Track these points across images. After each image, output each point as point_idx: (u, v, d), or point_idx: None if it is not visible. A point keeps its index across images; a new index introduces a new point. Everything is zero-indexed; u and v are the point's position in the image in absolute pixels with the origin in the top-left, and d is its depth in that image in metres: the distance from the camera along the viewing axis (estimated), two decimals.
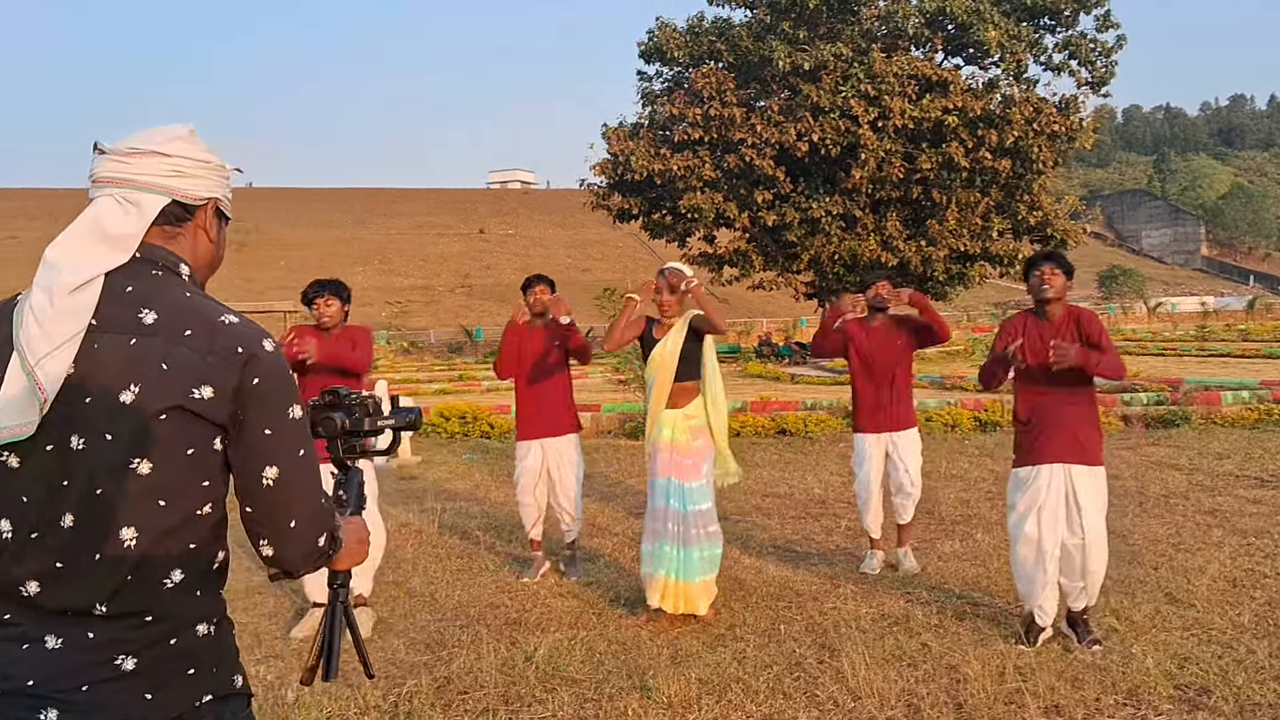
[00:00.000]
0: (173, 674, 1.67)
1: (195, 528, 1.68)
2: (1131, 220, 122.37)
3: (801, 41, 30.60)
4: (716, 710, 4.07)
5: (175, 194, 1.76)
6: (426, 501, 8.99)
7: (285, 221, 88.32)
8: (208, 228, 1.84)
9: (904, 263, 32.53)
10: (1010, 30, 30.97)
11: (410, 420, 2.18)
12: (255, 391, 1.67)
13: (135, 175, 1.73)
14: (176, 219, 1.79)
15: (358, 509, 2.02)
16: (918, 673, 4.41)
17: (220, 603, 1.78)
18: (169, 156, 1.75)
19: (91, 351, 1.62)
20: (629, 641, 5.00)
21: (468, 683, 4.47)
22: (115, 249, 1.69)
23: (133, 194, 1.73)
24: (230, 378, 1.65)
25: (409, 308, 67.39)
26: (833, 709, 4.06)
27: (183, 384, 1.63)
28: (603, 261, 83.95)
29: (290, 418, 1.72)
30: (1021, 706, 4.00)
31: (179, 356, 1.64)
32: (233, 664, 1.79)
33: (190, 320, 1.67)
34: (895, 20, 30.92)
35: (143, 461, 1.62)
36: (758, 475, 9.75)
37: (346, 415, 2.04)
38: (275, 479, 1.70)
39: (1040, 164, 31.36)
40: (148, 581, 1.65)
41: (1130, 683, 4.21)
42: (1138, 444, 11.00)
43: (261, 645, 5.15)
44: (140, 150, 1.74)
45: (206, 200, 1.82)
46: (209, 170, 1.82)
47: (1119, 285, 73.91)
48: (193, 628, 1.71)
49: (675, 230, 34.35)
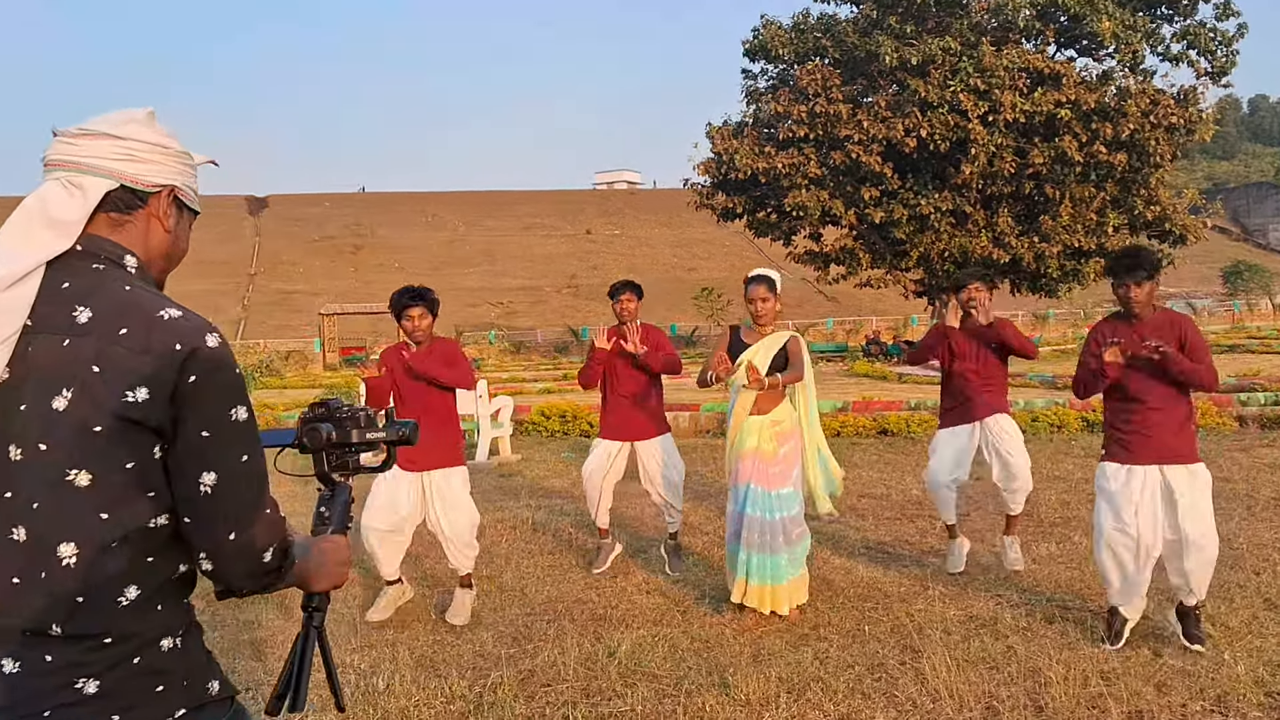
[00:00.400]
0: (140, 693, 1.58)
1: (149, 540, 1.58)
2: (1258, 214, 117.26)
3: (909, 36, 30.17)
4: (794, 709, 4.10)
5: (124, 178, 1.65)
6: (523, 498, 9.17)
7: (398, 225, 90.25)
8: (162, 216, 1.71)
9: (1016, 259, 31.85)
10: (1126, 20, 30.05)
11: (404, 434, 2.05)
12: (193, 390, 1.53)
13: (82, 158, 1.63)
14: (125, 206, 1.67)
15: (341, 528, 1.93)
16: (1000, 675, 4.37)
17: (186, 613, 1.68)
18: (121, 139, 1.64)
19: (25, 355, 1.52)
20: (711, 639, 5.05)
21: (550, 675, 4.58)
22: (58, 235, 1.58)
23: (77, 176, 1.62)
24: (167, 378, 1.52)
25: (515, 308, 68.37)
26: (910, 710, 4.05)
27: (116, 387, 1.50)
28: (709, 260, 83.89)
29: (232, 419, 1.58)
30: (1104, 711, 3.95)
31: (113, 357, 1.51)
32: (205, 673, 1.69)
33: (127, 317, 1.54)
34: (1005, 13, 30.26)
35: (81, 473, 1.51)
36: (855, 475, 9.68)
37: (335, 427, 1.93)
38: (214, 486, 1.56)
39: (1157, 157, 30.36)
40: (100, 600, 1.54)
41: (1219, 689, 4.11)
42: (1251, 445, 10.64)
43: (357, 635, 5.33)
44: (91, 132, 1.64)
45: (161, 187, 1.70)
46: (166, 156, 1.70)
47: (1244, 281, 70.98)
48: (156, 644, 1.60)
49: (780, 229, 34.17)
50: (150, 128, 1.68)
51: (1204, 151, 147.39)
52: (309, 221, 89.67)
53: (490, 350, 48.95)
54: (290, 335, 55.97)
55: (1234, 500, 7.90)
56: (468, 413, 11.29)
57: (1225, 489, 8.38)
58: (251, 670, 4.80)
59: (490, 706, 4.25)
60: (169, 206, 1.72)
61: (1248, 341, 31.40)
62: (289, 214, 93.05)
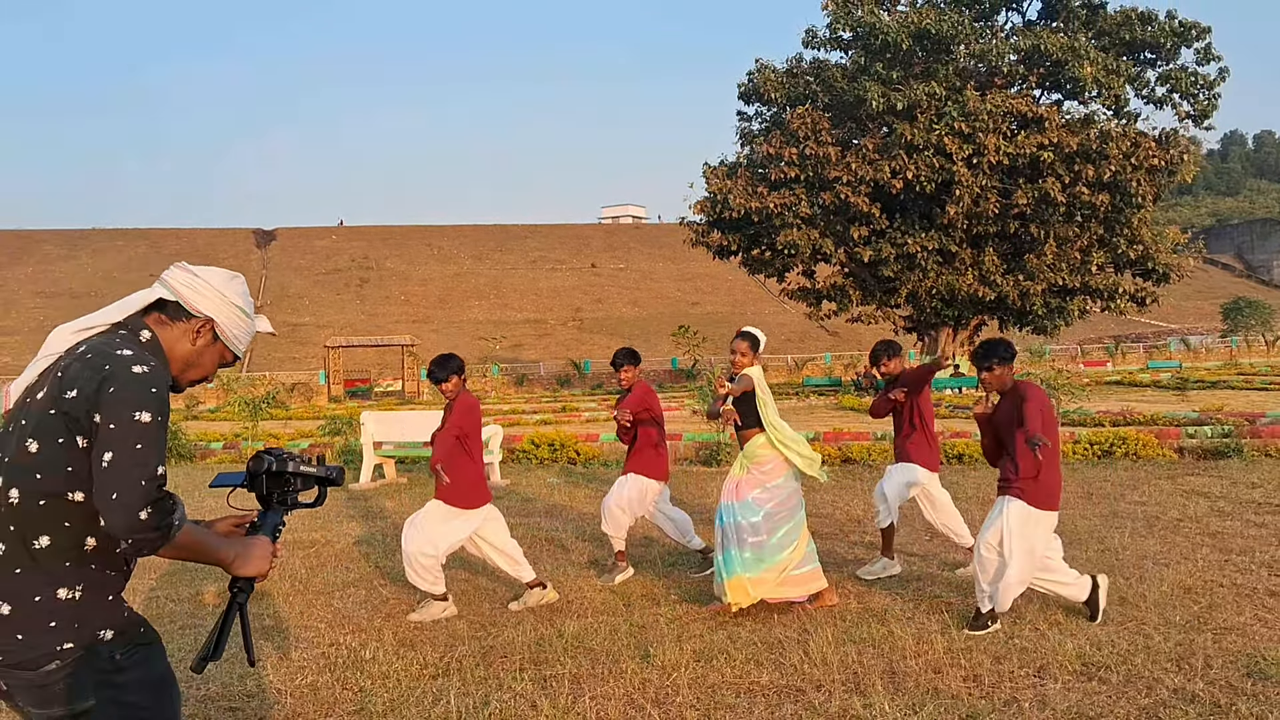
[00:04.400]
0: (35, 623, 2.22)
1: (67, 508, 2.24)
2: (1262, 250, 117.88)
3: (895, 82, 31.30)
4: (698, 671, 5.08)
5: (180, 297, 2.45)
6: (507, 516, 10.09)
7: (405, 259, 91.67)
8: (194, 335, 2.47)
9: (1002, 297, 32.85)
10: (1108, 65, 31.08)
11: (332, 476, 2.65)
12: (107, 396, 2.19)
13: (168, 278, 2.48)
14: (173, 315, 2.46)
15: (270, 537, 2.53)
16: (873, 651, 5.34)
17: (90, 576, 2.29)
18: (195, 277, 2.47)
19: (48, 371, 2.33)
20: (647, 625, 6.03)
21: (507, 650, 5.56)
22: (119, 312, 2.42)
23: (160, 288, 2.46)
24: (90, 384, 2.21)
25: (520, 341, 69.41)
26: (791, 672, 5.03)
27: (62, 388, 2.24)
28: (713, 295, 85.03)
29: (133, 419, 2.19)
30: (945, 676, 4.91)
31: (69, 370, 2.26)
32: (98, 621, 2.29)
33: (98, 351, 2.28)
34: (990, 59, 31.39)
35: (32, 442, 2.24)
36: (810, 498, 10.64)
37: (275, 459, 2.56)
38: (109, 462, 2.16)
39: (1139, 198, 31.35)
40: (22, 538, 2.23)
41: (1043, 660, 5.07)
42: (1179, 475, 11.55)
43: (350, 622, 6.31)
44: (186, 268, 2.49)
45: (202, 316, 2.46)
46: (221, 302, 2.48)
47: (1244, 317, 71.50)
48: (54, 590, 2.24)
49: (773, 266, 35.27)
50: (224, 281, 2.51)
51: (1208, 187, 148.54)
52: (316, 254, 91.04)
53: (493, 383, 50.00)
54: (296, 368, 56.90)
55: (1136, 520, 8.81)
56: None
57: (1136, 510, 9.31)
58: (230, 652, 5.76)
59: (456, 672, 5.23)
60: (205, 332, 2.49)
61: (1234, 378, 32.15)
62: (296, 246, 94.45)
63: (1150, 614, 5.87)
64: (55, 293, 78.69)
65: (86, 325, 2.39)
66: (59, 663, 2.23)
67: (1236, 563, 7.15)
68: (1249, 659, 5.00)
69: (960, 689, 4.76)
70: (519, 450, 15.19)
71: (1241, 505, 9.46)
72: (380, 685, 5.05)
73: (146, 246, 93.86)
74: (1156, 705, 4.48)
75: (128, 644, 2.33)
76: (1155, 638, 5.40)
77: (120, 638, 2.32)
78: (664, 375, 50.06)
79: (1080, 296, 34.54)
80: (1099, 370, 44.80)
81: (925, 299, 33.13)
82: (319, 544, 8.86)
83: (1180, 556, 7.39)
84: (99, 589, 2.30)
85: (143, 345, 2.37)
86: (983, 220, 31.53)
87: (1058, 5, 33.80)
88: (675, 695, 4.80)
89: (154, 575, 7.67)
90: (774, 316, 78.41)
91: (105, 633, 2.29)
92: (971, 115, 29.93)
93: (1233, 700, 4.47)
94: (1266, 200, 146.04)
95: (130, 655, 2.33)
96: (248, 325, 2.54)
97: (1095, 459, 12.98)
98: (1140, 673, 4.87)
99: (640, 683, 4.97)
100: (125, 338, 2.36)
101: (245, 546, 2.48)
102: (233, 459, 16.83)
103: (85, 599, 2.27)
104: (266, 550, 2.50)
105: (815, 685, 4.88)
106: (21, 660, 2.21)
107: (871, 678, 4.91)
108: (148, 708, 2.36)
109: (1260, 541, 7.86)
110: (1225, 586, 6.48)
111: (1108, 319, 64.14)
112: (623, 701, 4.74)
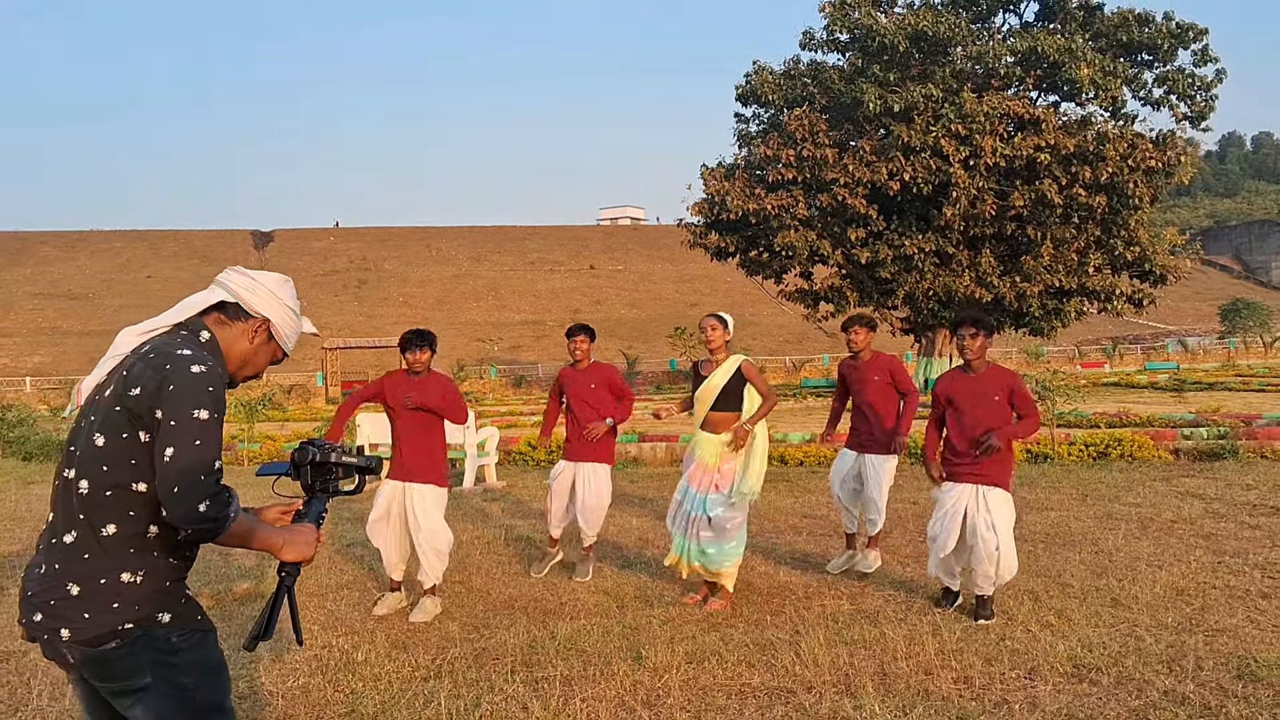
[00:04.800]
0: (100, 603, 2.39)
1: (131, 498, 2.42)
2: (1260, 251, 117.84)
3: (892, 83, 31.28)
4: (689, 673, 5.08)
5: (239, 299, 2.65)
6: (503, 518, 10.16)
7: (404, 260, 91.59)
8: (251, 335, 2.67)
9: (999, 298, 32.83)
10: (1105, 67, 31.06)
11: (371, 465, 2.84)
12: (168, 394, 2.37)
13: (226, 281, 2.67)
14: (232, 315, 2.65)
15: (314, 522, 2.71)
16: (865, 652, 5.34)
17: (151, 562, 2.45)
18: (253, 281, 2.67)
19: (115, 370, 2.51)
20: (640, 627, 6.03)
21: (499, 652, 5.56)
22: (180, 313, 2.60)
23: (218, 290, 2.65)
24: (152, 383, 2.39)
25: (519, 342, 69.38)
26: (783, 674, 5.03)
27: (127, 385, 2.41)
28: (711, 296, 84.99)
29: (192, 416, 2.36)
30: (937, 678, 4.91)
31: (134, 369, 2.43)
32: (157, 605, 2.45)
33: (160, 351, 2.46)
34: (986, 61, 31.36)
35: (99, 436, 2.42)
36: (804, 499, 10.68)
37: (318, 450, 2.76)
38: (170, 456, 2.33)
39: (1136, 199, 31.32)
40: (91, 526, 2.41)
41: (1035, 662, 5.08)
42: (1175, 476, 11.55)
43: (343, 625, 6.31)
44: (243, 272, 2.69)
45: (259, 317, 2.67)
46: (275, 301, 2.68)
47: (1242, 318, 71.54)
48: (118, 575, 2.41)
49: (771, 268, 35.24)
50: (279, 284, 2.73)
51: (1206, 189, 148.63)
52: (314, 255, 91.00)
53: (491, 384, 49.98)
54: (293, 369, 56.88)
55: (1131, 521, 8.81)
56: (455, 442, 12.27)
57: (1130, 512, 9.31)
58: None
59: (447, 674, 5.23)
60: (261, 331, 2.69)
61: (1231, 379, 32.18)
62: (294, 248, 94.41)
63: (1143, 615, 5.88)
64: (53, 294, 78.58)
65: (151, 327, 2.57)
66: (119, 641, 2.39)
67: (1230, 564, 7.16)
68: (1240, 661, 5.01)
69: (951, 690, 4.76)
70: (515, 452, 15.19)
71: (1236, 507, 9.46)
72: (371, 687, 5.05)
73: (145, 248, 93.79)
74: (1147, 707, 4.48)
75: (184, 628, 2.49)
76: (1147, 639, 5.41)
77: (178, 621, 2.48)
78: (662, 377, 50.05)
79: (1077, 298, 34.48)
80: (1097, 371, 44.83)
81: (922, 300, 33.08)
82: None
83: (1174, 558, 7.40)
84: (159, 574, 2.47)
85: (202, 345, 2.55)
86: (980, 222, 31.47)
87: (1055, 7, 33.76)
88: (666, 697, 4.80)
89: None
90: (772, 318, 78.39)
91: (163, 615, 2.46)
92: (968, 117, 29.90)
93: (1223, 702, 4.47)
94: (1265, 202, 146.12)
95: (186, 638, 2.49)
96: (297, 325, 2.77)
97: (1090, 461, 12.99)
98: (1131, 674, 4.87)
99: (631, 684, 4.97)
100: (186, 338, 2.53)
101: (292, 533, 2.65)
102: (229, 460, 16.82)
103: (146, 583, 2.44)
104: (311, 536, 2.67)
105: (806, 687, 4.88)
106: (87, 637, 2.38)
107: (862, 679, 4.92)
108: (199, 689, 2.50)
109: (1254, 543, 7.86)
110: (1218, 588, 6.49)
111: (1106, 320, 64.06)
112: (613, 703, 4.74)
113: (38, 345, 65.46)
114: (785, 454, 13.81)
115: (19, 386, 48.07)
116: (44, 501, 11.54)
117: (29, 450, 17.81)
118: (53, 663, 2.50)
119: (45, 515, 2.51)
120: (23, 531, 9.88)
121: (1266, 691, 4.60)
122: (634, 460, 14.32)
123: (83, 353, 63.26)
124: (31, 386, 47.95)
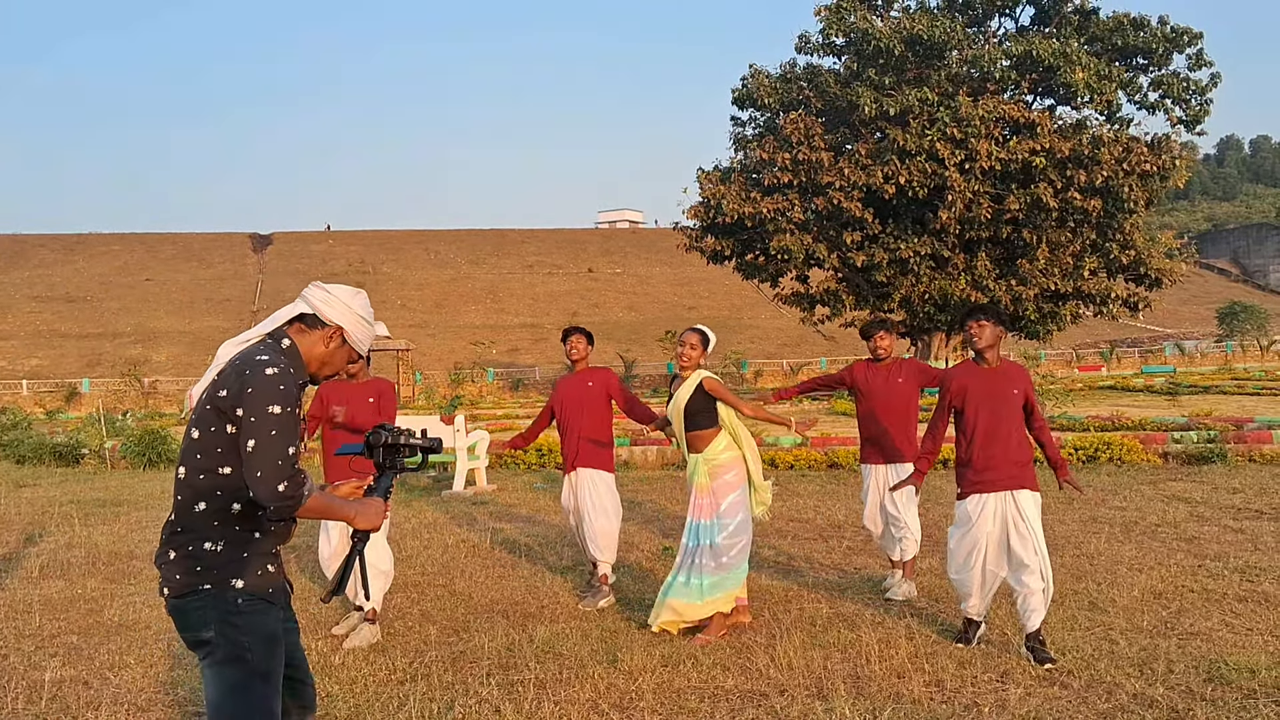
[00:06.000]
0: (186, 567, 2.88)
1: (218, 480, 2.86)
2: (1258, 255, 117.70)
3: (887, 87, 31.33)
4: (664, 676, 5.11)
5: (316, 310, 3.06)
6: (490, 521, 10.18)
7: (402, 263, 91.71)
8: (326, 341, 3.08)
9: (994, 301, 32.85)
10: (1100, 70, 31.08)
11: (434, 446, 3.26)
12: (247, 394, 2.79)
13: (308, 295, 3.09)
14: (310, 324, 3.07)
15: (382, 496, 3.11)
16: (840, 655, 5.37)
17: (233, 535, 2.89)
18: (329, 294, 3.08)
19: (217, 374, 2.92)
20: (619, 630, 6.05)
21: (477, 655, 5.58)
22: (270, 324, 3.04)
23: (300, 304, 3.08)
24: (235, 385, 2.82)
25: (517, 345, 69.42)
26: (756, 677, 5.06)
27: (216, 388, 2.87)
28: (709, 299, 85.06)
29: (269, 412, 2.78)
30: (908, 680, 4.94)
31: (224, 374, 2.88)
32: (232, 572, 2.89)
33: (245, 358, 2.88)
34: (982, 64, 31.40)
35: (195, 430, 2.89)
36: (793, 503, 10.70)
37: (390, 434, 3.17)
38: (252, 448, 2.78)
39: (1131, 203, 31.35)
40: (188, 504, 2.88)
41: (1007, 666, 5.10)
42: (1162, 480, 11.59)
43: (323, 628, 6.33)
44: (321, 286, 3.12)
45: (333, 325, 3.07)
46: (348, 312, 3.08)
47: (1240, 322, 71.44)
48: (203, 543, 2.88)
49: (767, 271, 35.27)
50: (352, 296, 3.12)
51: (1204, 192, 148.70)
52: (313, 258, 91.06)
53: (489, 387, 50.01)
54: None
55: (1115, 525, 8.84)
56: (447, 445, 12.29)
57: (1115, 515, 9.35)
58: None
59: (423, 677, 5.25)
60: (335, 337, 3.10)
61: (1227, 383, 32.13)
62: (292, 251, 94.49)
63: (1118, 619, 5.90)
64: (51, 297, 78.64)
65: (246, 338, 3.00)
66: (196, 598, 2.85)
67: (1209, 568, 7.19)
68: (1210, 664, 5.04)
69: (922, 693, 4.79)
70: (507, 455, 15.20)
71: (1220, 510, 9.50)
72: (346, 690, 5.07)
73: (143, 251, 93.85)
74: (1115, 710, 4.51)
75: (252, 594, 2.90)
76: (1120, 643, 5.43)
77: (249, 588, 2.90)
78: (659, 380, 50.11)
79: (1073, 301, 34.57)
80: (1094, 375, 44.82)
81: (918, 304, 33.11)
82: (299, 549, 8.86)
83: (1154, 561, 7.42)
84: (238, 545, 2.90)
85: (281, 351, 2.97)
86: (975, 225, 31.52)
87: (1050, 11, 33.84)
88: (639, 700, 4.82)
89: None
90: (770, 321, 78.44)
91: (237, 581, 2.88)
92: (964, 121, 29.92)
93: (1190, 705, 4.50)
94: (1262, 205, 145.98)
95: (251, 604, 2.89)
96: (369, 331, 3.17)
97: (1079, 464, 13.01)
98: (1102, 678, 4.90)
99: (606, 687, 5.00)
100: (269, 345, 2.96)
101: (363, 505, 3.04)
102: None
103: (226, 552, 2.88)
104: (379, 508, 3.07)
105: (779, 690, 4.91)
106: (176, 593, 2.87)
107: (835, 682, 4.95)
108: (253, 651, 2.87)
109: (1235, 547, 7.89)
110: (1195, 591, 6.52)
111: (1104, 324, 64.07)
112: (586, 706, 4.77)
113: (35, 348, 65.49)
114: (775, 457, 13.83)
115: (16, 390, 48.09)
116: (34, 505, 11.54)
117: (22, 454, 17.83)
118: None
119: (41, 519, 2.83)
120: (10, 535, 9.78)
121: (1234, 694, 4.62)
122: (624, 464, 14.33)
123: (80, 356, 63.34)
124: (28, 390, 47.97)
